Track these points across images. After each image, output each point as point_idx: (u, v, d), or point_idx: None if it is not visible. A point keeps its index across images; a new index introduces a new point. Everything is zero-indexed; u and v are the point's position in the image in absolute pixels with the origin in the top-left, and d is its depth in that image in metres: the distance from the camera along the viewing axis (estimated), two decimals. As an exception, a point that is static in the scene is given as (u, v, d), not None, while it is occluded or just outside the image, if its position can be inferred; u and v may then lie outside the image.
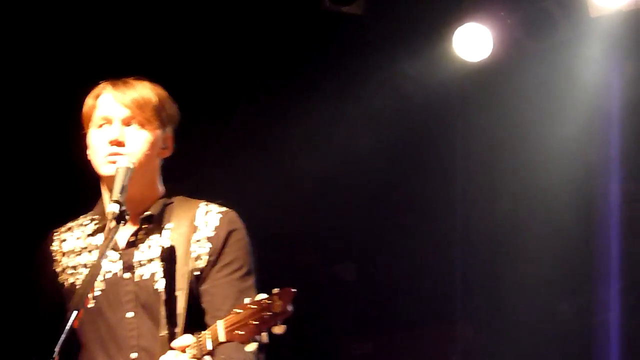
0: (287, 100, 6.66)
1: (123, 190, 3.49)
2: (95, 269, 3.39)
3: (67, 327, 3.20)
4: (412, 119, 6.85)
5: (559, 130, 6.62)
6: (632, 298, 6.70)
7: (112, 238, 3.42)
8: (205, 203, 3.84)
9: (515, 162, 6.94)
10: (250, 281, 3.74)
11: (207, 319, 3.64)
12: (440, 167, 7.12)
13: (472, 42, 6.42)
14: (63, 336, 3.19)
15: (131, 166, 3.56)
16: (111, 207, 3.43)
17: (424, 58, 6.61)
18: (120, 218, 3.43)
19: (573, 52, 6.39)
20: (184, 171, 3.95)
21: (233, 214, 3.81)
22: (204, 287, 3.71)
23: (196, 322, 3.60)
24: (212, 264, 3.72)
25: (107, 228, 3.43)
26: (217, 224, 3.75)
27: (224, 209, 3.81)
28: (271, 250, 3.88)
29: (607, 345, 6.70)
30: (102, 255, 3.38)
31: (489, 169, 7.12)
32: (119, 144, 3.67)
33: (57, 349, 3.16)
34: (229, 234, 3.75)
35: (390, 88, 6.72)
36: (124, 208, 3.45)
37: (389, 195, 7.07)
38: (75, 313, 3.22)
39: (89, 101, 3.77)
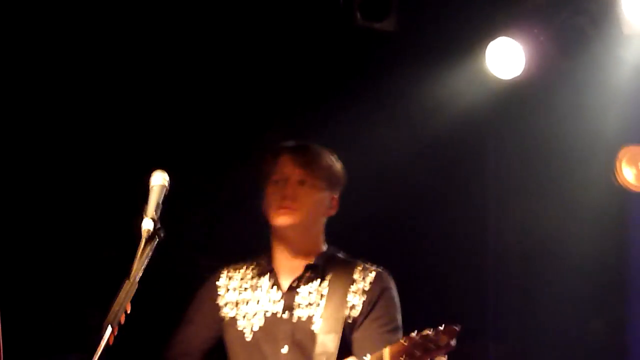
0: (322, 116, 6.67)
1: (157, 207, 3.50)
2: (131, 286, 3.36)
3: (102, 343, 3.22)
4: (444, 134, 6.83)
5: (592, 147, 6.58)
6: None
7: (148, 255, 3.41)
8: (363, 262, 4.36)
9: (548, 177, 6.92)
10: (398, 336, 4.14)
11: None
12: (472, 182, 7.09)
13: (505, 58, 6.41)
14: (99, 352, 3.23)
15: (166, 184, 3.57)
16: (145, 224, 3.44)
17: (456, 74, 6.61)
18: (154, 235, 3.43)
19: (606, 69, 6.36)
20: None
21: (387, 274, 4.35)
22: (355, 335, 4.16)
23: None
24: (365, 314, 4.17)
25: (140, 246, 3.44)
26: (373, 280, 4.25)
27: (379, 268, 4.34)
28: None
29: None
30: (136, 272, 3.36)
31: (521, 184, 7.09)
32: (292, 199, 4.19)
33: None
34: (383, 291, 4.25)
35: (422, 104, 6.71)
36: (158, 226, 3.45)
37: (418, 208, 7.01)
38: (110, 329, 3.23)
39: (269, 160, 4.31)
